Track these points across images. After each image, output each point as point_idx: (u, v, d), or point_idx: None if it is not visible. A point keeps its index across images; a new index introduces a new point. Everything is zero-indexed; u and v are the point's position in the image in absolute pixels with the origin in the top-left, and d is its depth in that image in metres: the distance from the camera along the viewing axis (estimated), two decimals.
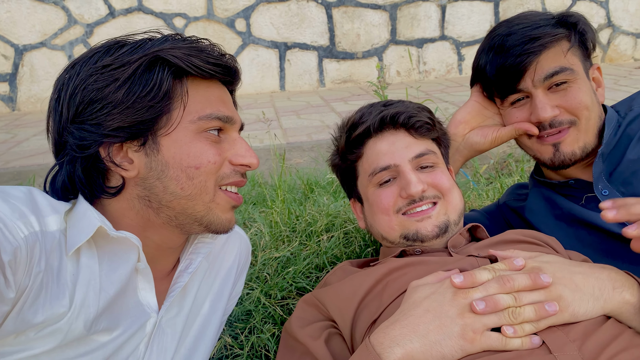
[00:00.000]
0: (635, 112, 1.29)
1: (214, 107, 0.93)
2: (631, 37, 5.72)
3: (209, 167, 0.90)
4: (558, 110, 1.21)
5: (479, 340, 0.80)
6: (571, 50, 1.23)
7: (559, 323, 0.83)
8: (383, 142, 1.17)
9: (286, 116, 3.95)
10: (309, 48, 5.23)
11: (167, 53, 0.87)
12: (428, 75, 5.45)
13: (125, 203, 0.90)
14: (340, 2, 5.18)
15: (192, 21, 4.98)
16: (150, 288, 0.93)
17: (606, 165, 1.26)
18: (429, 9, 5.31)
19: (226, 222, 0.95)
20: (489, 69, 1.28)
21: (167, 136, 0.88)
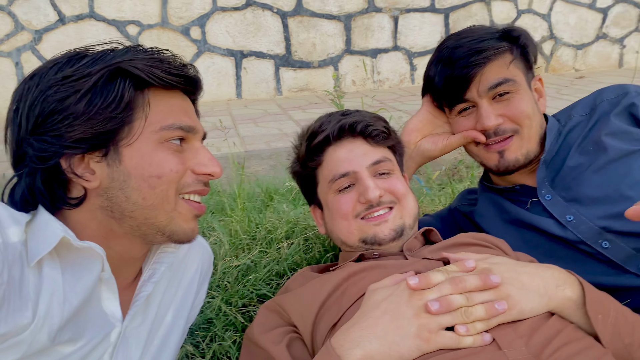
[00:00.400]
0: (574, 120, 1.38)
1: (176, 117, 0.93)
2: (572, 48, 6.03)
3: (171, 175, 0.91)
4: (502, 119, 1.29)
5: (434, 340, 0.85)
6: (514, 62, 1.31)
7: (507, 320, 0.89)
8: (342, 150, 1.21)
9: (244, 124, 3.96)
10: (266, 56, 5.26)
11: (128, 64, 0.87)
12: (382, 85, 5.58)
13: (87, 213, 0.90)
14: (295, 12, 5.24)
15: (146, 29, 4.92)
16: (115, 298, 0.93)
17: (549, 172, 1.34)
18: (382, 20, 5.44)
19: (189, 231, 0.96)
20: (438, 80, 1.35)
21: (129, 146, 0.89)
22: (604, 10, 6.00)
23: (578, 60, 6.08)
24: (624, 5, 6.02)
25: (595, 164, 1.26)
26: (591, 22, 6.01)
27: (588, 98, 1.40)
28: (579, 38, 6.02)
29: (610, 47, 6.12)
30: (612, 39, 6.09)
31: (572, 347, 0.86)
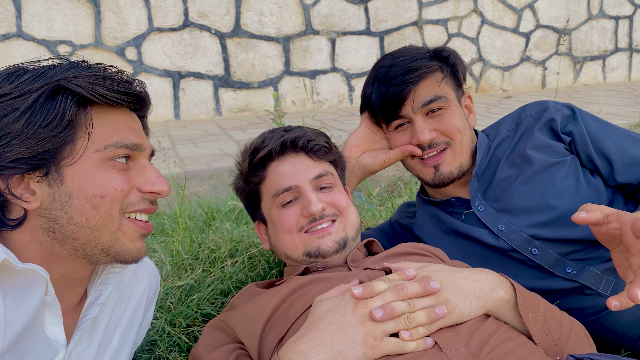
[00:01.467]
0: (501, 135, 1.48)
1: (121, 134, 0.91)
2: (499, 70, 6.38)
3: (115, 195, 0.88)
4: (435, 133, 1.36)
5: (380, 346, 0.88)
6: (444, 80, 1.40)
7: (448, 324, 0.94)
8: (285, 165, 1.23)
9: (183, 145, 3.90)
10: (204, 77, 5.22)
11: (69, 82, 0.85)
12: (322, 105, 5.66)
13: (27, 234, 0.87)
14: (234, 33, 5.25)
15: (78, 49, 4.77)
16: (59, 322, 0.89)
17: (480, 184, 1.42)
18: (320, 42, 5.55)
19: (135, 251, 0.93)
20: (374, 97, 1.41)
21: (72, 166, 0.86)
22: (526, 35, 6.41)
23: (505, 81, 6.44)
24: (544, 30, 6.46)
25: (522, 176, 1.35)
26: (515, 45, 6.40)
27: (513, 114, 1.50)
28: (505, 60, 6.38)
29: (534, 69, 6.53)
30: (534, 61, 6.50)
31: (507, 346, 0.91)
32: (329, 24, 5.56)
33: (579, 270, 1.27)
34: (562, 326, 1.03)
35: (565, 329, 1.04)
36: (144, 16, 4.96)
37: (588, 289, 1.27)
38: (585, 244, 1.28)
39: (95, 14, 4.80)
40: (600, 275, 1.26)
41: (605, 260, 1.27)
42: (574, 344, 1.03)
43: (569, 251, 1.29)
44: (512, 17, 6.31)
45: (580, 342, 1.06)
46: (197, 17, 5.12)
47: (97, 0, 4.79)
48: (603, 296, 1.25)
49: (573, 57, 6.67)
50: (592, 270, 1.26)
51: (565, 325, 1.05)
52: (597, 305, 1.26)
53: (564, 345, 1.01)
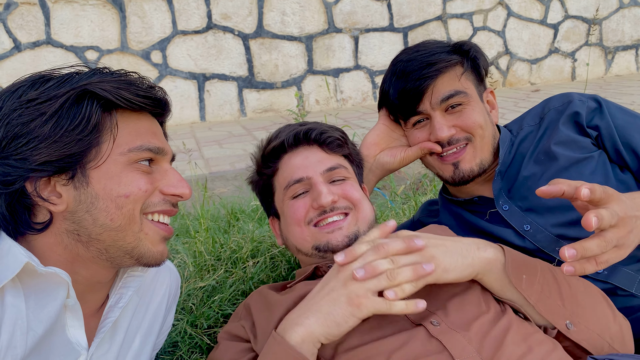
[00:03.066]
0: (525, 131, 1.42)
1: (144, 138, 0.93)
2: (526, 63, 6.24)
3: (139, 194, 0.90)
4: (454, 130, 1.32)
5: (365, 304, 0.89)
6: (464, 75, 1.35)
7: (434, 281, 0.94)
8: (297, 157, 1.23)
9: (208, 146, 3.93)
10: (228, 79, 5.26)
11: (95, 86, 0.87)
12: (345, 103, 5.64)
13: (52, 238, 0.88)
14: (256, 34, 5.27)
15: (105, 54, 4.86)
16: (80, 325, 0.90)
17: (505, 183, 1.37)
18: (343, 40, 5.53)
19: (157, 254, 0.94)
20: (392, 93, 1.37)
21: (97, 169, 0.88)
22: (554, 26, 6.25)
23: (533, 74, 6.30)
24: (573, 21, 6.29)
25: (548, 173, 1.30)
26: (543, 37, 6.25)
27: (536, 108, 1.44)
28: (533, 53, 6.24)
29: (563, 61, 6.36)
30: (563, 53, 6.34)
31: (520, 348, 0.89)
32: (352, 21, 5.53)
33: (611, 270, 1.21)
34: (572, 287, 1.00)
35: (577, 290, 1.01)
36: (168, 20, 5.02)
37: (621, 290, 1.21)
38: None
39: (120, 19, 4.89)
40: (633, 275, 1.20)
41: (639, 260, 1.22)
42: (588, 306, 1.00)
43: None
44: (539, 8, 6.16)
45: (597, 303, 1.02)
46: (221, 19, 5.16)
47: (122, 5, 4.87)
48: (637, 297, 1.20)
49: (604, 48, 6.47)
50: (625, 270, 1.20)
51: (576, 286, 1.01)
52: (632, 305, 1.21)
53: (576, 308, 0.98)
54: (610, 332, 1.01)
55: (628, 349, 1.05)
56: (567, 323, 0.97)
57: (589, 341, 0.98)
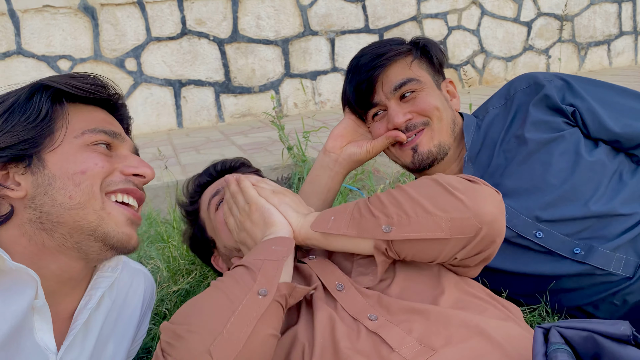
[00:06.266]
0: (491, 113, 1.43)
1: (98, 123, 0.95)
2: (502, 61, 6.31)
3: (96, 169, 0.91)
4: (410, 115, 1.33)
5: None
6: (415, 62, 1.37)
7: None
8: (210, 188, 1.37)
9: (185, 152, 3.89)
10: (205, 84, 5.22)
11: (46, 80, 0.91)
12: (324, 106, 5.64)
13: (16, 230, 0.87)
14: (232, 39, 5.25)
15: (78, 63, 4.79)
16: (48, 329, 0.87)
17: (476, 169, 1.37)
18: (319, 43, 5.53)
19: (124, 236, 0.93)
20: (349, 89, 1.40)
21: (53, 152, 0.89)
22: (528, 24, 6.33)
23: (509, 72, 6.37)
24: (546, 18, 6.38)
25: (518, 157, 1.31)
26: (517, 35, 6.32)
27: (501, 90, 1.46)
28: (508, 51, 6.31)
29: (537, 58, 6.44)
30: (537, 50, 6.42)
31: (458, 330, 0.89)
32: (328, 23, 5.53)
33: (587, 250, 1.22)
34: (402, 193, 0.98)
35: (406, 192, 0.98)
36: (141, 27, 4.97)
37: (599, 269, 1.22)
38: (590, 220, 1.24)
39: (93, 27, 4.82)
40: (609, 254, 1.21)
41: (615, 238, 1.22)
42: (416, 199, 0.96)
43: (575, 230, 1.24)
44: (512, 6, 6.24)
45: (431, 192, 0.96)
46: (195, 24, 5.12)
47: (94, 14, 4.81)
48: (615, 275, 1.20)
49: (577, 44, 6.58)
50: (601, 250, 1.21)
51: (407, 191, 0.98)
52: (611, 282, 1.22)
53: (399, 210, 0.95)
54: (450, 208, 0.94)
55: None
56: (384, 227, 0.94)
57: (419, 227, 0.92)
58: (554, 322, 0.68)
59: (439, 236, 0.92)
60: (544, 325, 0.69)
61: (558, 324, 0.68)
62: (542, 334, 0.67)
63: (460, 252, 0.95)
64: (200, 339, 0.79)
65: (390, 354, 0.85)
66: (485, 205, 0.92)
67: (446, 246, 0.94)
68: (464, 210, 0.91)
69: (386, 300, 0.96)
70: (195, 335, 0.80)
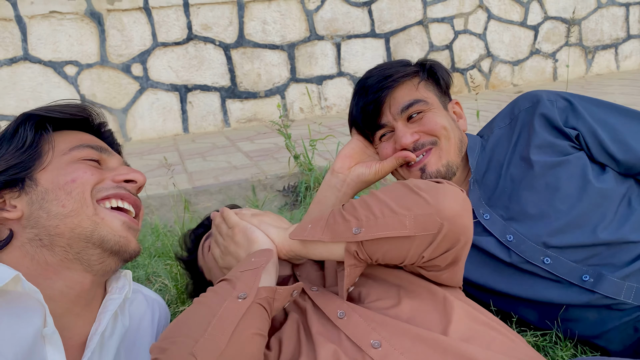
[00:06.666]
0: (496, 134, 1.42)
1: (85, 140, 1.00)
2: (508, 65, 6.28)
3: (85, 177, 0.94)
4: (418, 135, 1.33)
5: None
6: (422, 84, 1.37)
7: None
8: None
9: (191, 159, 3.89)
10: (211, 89, 5.22)
11: (30, 111, 0.97)
12: (330, 111, 5.63)
13: (17, 252, 0.89)
14: (238, 44, 5.24)
15: (84, 68, 4.80)
16: (61, 358, 0.85)
17: (483, 191, 1.36)
18: (325, 47, 5.51)
19: (122, 239, 0.94)
20: (355, 111, 1.39)
21: (43, 171, 0.94)
22: (534, 28, 6.30)
23: (515, 76, 6.33)
24: (553, 22, 6.34)
25: (525, 180, 1.30)
26: (524, 39, 6.29)
27: (506, 109, 1.45)
28: (514, 55, 6.28)
29: (544, 62, 6.41)
30: (544, 54, 6.39)
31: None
32: (333, 28, 5.52)
33: (596, 278, 1.20)
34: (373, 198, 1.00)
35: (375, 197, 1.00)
36: (148, 32, 4.97)
37: (609, 298, 1.20)
38: (599, 248, 1.22)
39: (99, 33, 4.83)
40: (619, 282, 1.19)
41: (625, 265, 1.21)
42: (384, 201, 0.98)
43: (583, 257, 1.22)
44: (519, 10, 6.21)
45: (397, 193, 0.99)
46: (201, 29, 5.12)
47: (100, 19, 4.81)
48: (626, 304, 1.19)
49: (584, 48, 6.53)
50: (610, 278, 1.19)
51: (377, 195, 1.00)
52: (625, 309, 1.20)
53: (368, 212, 0.97)
54: (413, 206, 0.95)
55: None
56: (354, 229, 0.96)
57: (385, 226, 0.94)
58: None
59: (404, 233, 0.93)
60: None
61: None
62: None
63: (426, 250, 0.96)
64: (183, 345, 0.80)
65: None
66: (446, 201, 0.93)
67: (412, 244, 0.95)
68: (426, 207, 0.93)
69: (391, 324, 0.95)
70: (178, 344, 0.81)
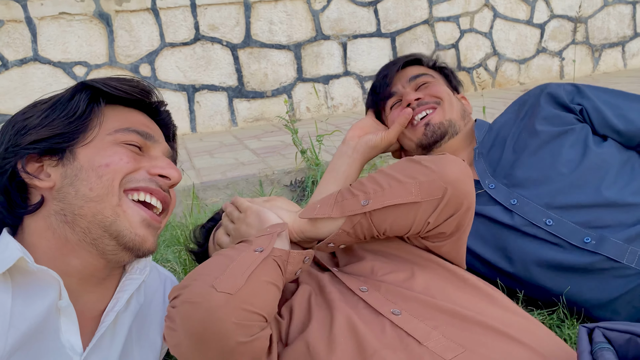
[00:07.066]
0: (503, 117, 1.55)
1: (133, 123, 0.98)
2: (515, 63, 6.28)
3: (120, 164, 0.92)
4: (422, 94, 1.47)
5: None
6: (433, 70, 1.58)
7: None
8: None
9: (199, 157, 3.92)
10: (218, 89, 5.26)
11: (88, 80, 0.96)
12: (337, 110, 5.65)
13: (42, 221, 0.90)
14: (245, 44, 5.28)
15: (93, 69, 4.85)
16: (75, 330, 0.88)
17: (488, 164, 1.42)
18: (331, 47, 5.54)
19: (137, 238, 0.93)
20: (373, 85, 1.60)
21: (85, 146, 0.93)
22: (541, 26, 6.30)
23: (522, 74, 6.33)
24: (559, 20, 6.34)
25: (529, 148, 1.37)
26: (530, 37, 6.29)
27: (517, 100, 1.58)
28: (521, 53, 6.28)
29: (551, 60, 6.41)
30: (551, 52, 6.38)
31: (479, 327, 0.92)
32: (339, 28, 5.55)
33: (599, 240, 1.20)
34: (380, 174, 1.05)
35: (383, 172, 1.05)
36: (155, 33, 5.02)
37: (611, 260, 1.20)
38: (600, 209, 1.24)
39: (108, 34, 4.88)
40: (622, 245, 1.19)
41: (627, 228, 1.21)
42: (391, 173, 1.03)
43: (585, 219, 1.24)
44: (525, 8, 6.21)
45: (404, 167, 1.04)
46: (208, 30, 5.17)
47: (109, 20, 4.87)
48: (629, 268, 1.18)
49: (591, 46, 6.52)
50: (613, 240, 1.20)
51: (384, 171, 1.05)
52: (628, 275, 1.20)
53: (375, 185, 1.02)
54: (418, 175, 1.01)
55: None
56: (362, 202, 1.00)
57: (392, 195, 0.99)
58: (597, 323, 0.70)
59: (410, 200, 0.98)
60: (587, 325, 0.71)
61: (601, 324, 0.70)
62: (586, 333, 0.70)
63: (431, 216, 1.00)
64: (203, 280, 0.85)
65: (418, 347, 0.84)
66: (449, 168, 0.99)
67: (418, 210, 0.99)
68: (430, 174, 0.99)
69: (410, 296, 0.96)
70: (199, 280, 0.86)
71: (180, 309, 0.83)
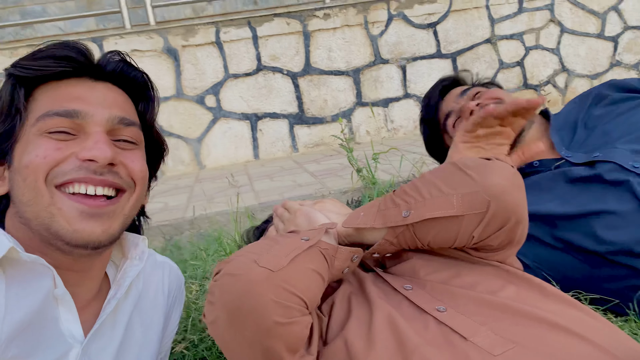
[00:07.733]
0: (565, 108, 1.53)
1: (56, 104, 0.85)
2: (586, 79, 5.98)
3: (37, 162, 0.82)
4: (480, 100, 1.61)
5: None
6: (475, 86, 1.64)
7: None
8: None
9: (259, 180, 3.99)
10: (279, 117, 5.37)
11: (10, 66, 0.85)
12: (397, 132, 5.59)
13: (16, 219, 0.88)
14: (305, 72, 5.39)
15: (162, 101, 5.11)
16: (75, 318, 0.86)
17: (561, 140, 1.42)
18: (390, 70, 5.54)
19: (76, 234, 0.83)
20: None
21: (18, 144, 0.85)
22: (613, 39, 5.99)
23: None
24: (634, 31, 6.00)
25: (606, 118, 1.37)
26: (602, 51, 5.98)
27: (578, 95, 1.57)
28: (592, 68, 5.98)
29: (626, 74, 6.04)
30: (626, 65, 6.03)
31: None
32: (398, 51, 5.54)
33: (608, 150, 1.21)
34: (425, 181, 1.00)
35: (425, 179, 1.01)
36: (220, 65, 5.24)
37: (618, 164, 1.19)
38: None
39: (175, 68, 5.15)
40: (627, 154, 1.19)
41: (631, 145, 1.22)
42: (433, 182, 0.99)
43: None
44: (594, 22, 5.94)
45: (447, 174, 0.98)
46: (269, 60, 5.33)
47: (176, 55, 5.14)
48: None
49: None
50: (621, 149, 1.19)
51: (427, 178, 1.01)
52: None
53: (417, 195, 0.98)
54: (460, 185, 0.94)
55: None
56: (404, 212, 0.95)
57: (433, 207, 0.93)
58: None
59: (451, 213, 0.92)
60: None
61: None
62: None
63: (476, 230, 0.94)
64: (247, 257, 0.87)
65: (464, 344, 0.79)
66: (493, 178, 0.91)
67: (461, 224, 0.93)
68: (473, 185, 0.92)
69: (458, 293, 0.92)
70: (242, 256, 0.88)
71: (221, 281, 0.84)
